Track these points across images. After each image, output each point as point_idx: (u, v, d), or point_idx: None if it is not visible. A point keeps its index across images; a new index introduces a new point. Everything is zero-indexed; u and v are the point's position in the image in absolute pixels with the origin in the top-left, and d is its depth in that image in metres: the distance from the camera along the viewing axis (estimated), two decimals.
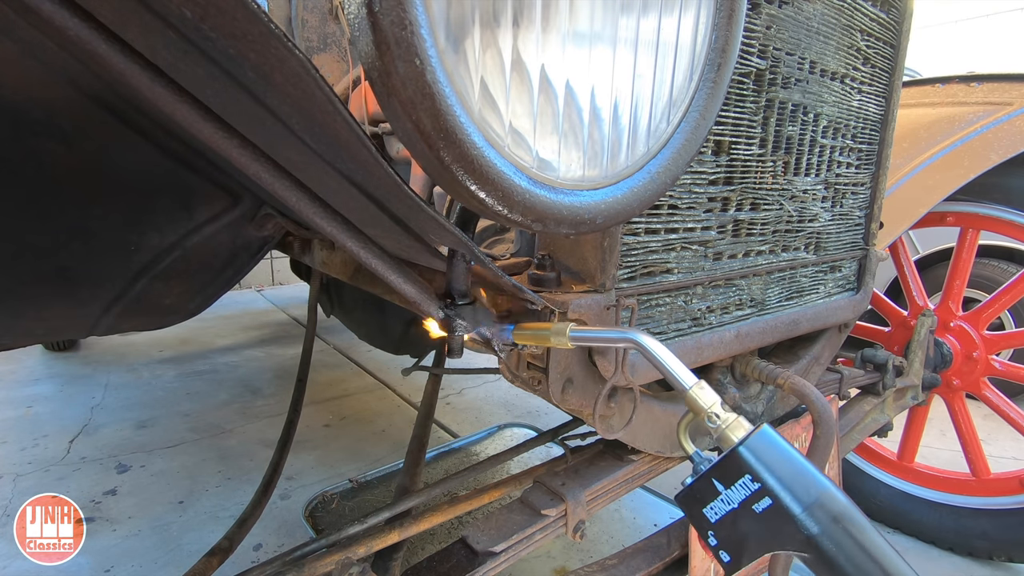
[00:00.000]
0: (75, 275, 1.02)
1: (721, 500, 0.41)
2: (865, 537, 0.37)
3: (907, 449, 1.84)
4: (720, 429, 0.45)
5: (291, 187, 0.54)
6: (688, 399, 0.48)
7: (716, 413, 0.46)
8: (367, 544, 0.89)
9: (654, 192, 0.56)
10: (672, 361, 0.51)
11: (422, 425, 1.28)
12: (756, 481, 0.39)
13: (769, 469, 0.39)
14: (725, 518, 0.41)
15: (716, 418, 0.46)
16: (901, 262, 1.86)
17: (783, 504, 0.38)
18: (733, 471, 0.41)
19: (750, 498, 0.40)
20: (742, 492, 0.40)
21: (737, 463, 0.41)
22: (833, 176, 1.13)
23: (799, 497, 0.38)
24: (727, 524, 0.41)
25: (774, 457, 0.40)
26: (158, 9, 0.36)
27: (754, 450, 0.40)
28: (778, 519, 0.38)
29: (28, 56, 0.64)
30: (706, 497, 0.42)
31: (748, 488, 0.40)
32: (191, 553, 1.65)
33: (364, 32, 0.38)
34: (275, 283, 5.53)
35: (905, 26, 1.19)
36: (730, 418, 0.45)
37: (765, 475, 0.39)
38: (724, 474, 0.41)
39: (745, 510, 0.40)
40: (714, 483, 0.42)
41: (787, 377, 1.03)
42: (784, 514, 0.38)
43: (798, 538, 0.37)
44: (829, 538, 0.37)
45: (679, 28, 0.53)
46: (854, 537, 0.37)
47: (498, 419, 2.58)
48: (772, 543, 0.39)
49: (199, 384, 2.93)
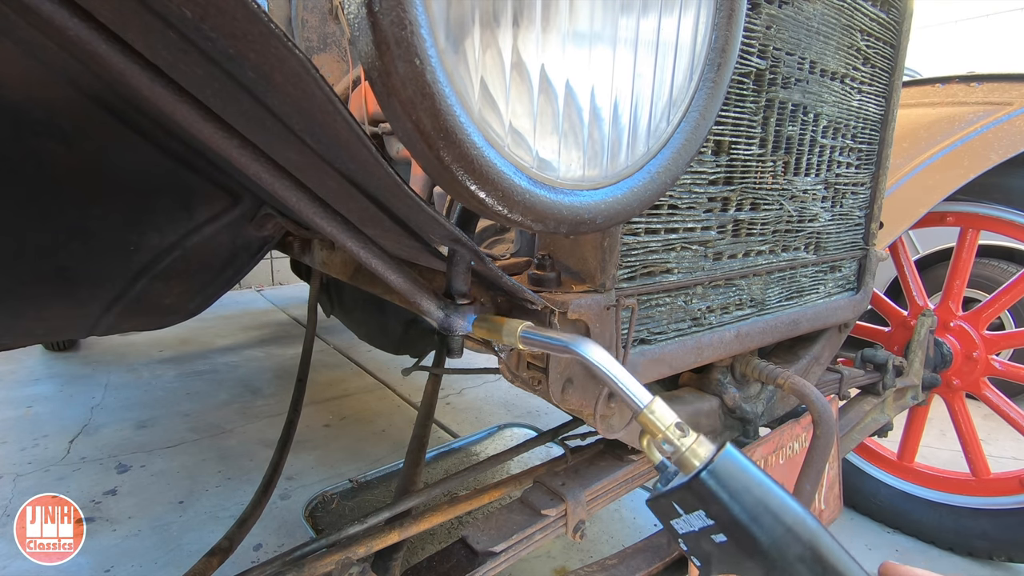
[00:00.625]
0: (75, 275, 1.02)
1: (683, 520, 0.39)
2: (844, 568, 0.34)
3: (907, 449, 1.84)
4: (679, 452, 0.40)
5: (291, 187, 0.54)
6: (642, 419, 0.44)
7: (672, 436, 0.41)
8: (367, 544, 0.89)
9: (654, 192, 0.56)
10: (624, 377, 0.47)
11: (422, 425, 1.28)
12: (711, 517, 0.36)
13: (732, 497, 0.36)
14: (689, 535, 0.39)
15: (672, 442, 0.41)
16: (901, 262, 1.86)
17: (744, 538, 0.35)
18: (691, 499, 0.38)
19: (707, 529, 0.37)
20: (699, 522, 0.37)
21: (695, 491, 0.37)
22: (833, 176, 1.13)
23: (765, 528, 0.34)
24: (692, 540, 0.39)
25: (738, 484, 0.36)
26: (158, 9, 0.36)
27: (716, 476, 0.36)
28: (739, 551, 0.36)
29: (28, 56, 0.64)
30: (670, 513, 0.40)
31: (704, 520, 0.37)
32: (191, 553, 1.65)
33: (364, 32, 0.38)
34: (275, 283, 5.53)
35: (905, 26, 1.19)
36: (687, 441, 0.41)
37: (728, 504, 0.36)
38: (683, 499, 0.38)
39: (705, 536, 0.37)
40: (674, 506, 0.39)
41: (787, 377, 1.03)
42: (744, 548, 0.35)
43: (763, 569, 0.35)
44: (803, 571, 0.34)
45: (679, 28, 0.53)
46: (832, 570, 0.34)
47: (498, 419, 2.58)
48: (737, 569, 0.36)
49: (199, 384, 2.93)
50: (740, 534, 0.35)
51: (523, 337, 0.58)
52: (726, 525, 0.36)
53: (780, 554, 0.34)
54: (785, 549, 0.34)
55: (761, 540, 0.34)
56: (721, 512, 0.36)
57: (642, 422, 0.44)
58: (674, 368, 0.89)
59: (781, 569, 0.34)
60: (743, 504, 0.35)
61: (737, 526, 0.35)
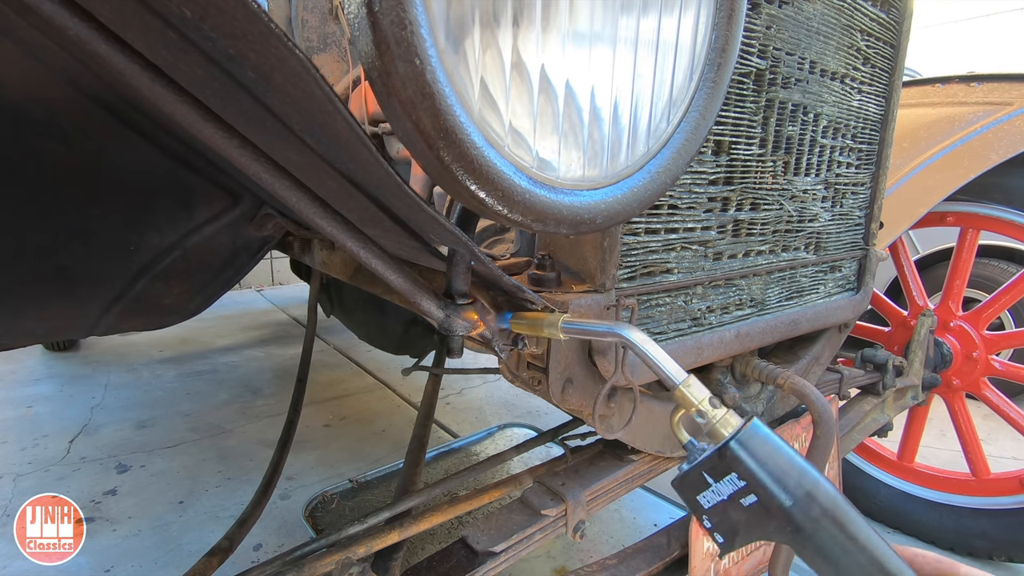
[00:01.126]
0: (75, 275, 1.02)
1: (712, 491, 0.42)
2: (856, 530, 0.37)
3: (907, 449, 1.84)
4: (710, 424, 0.45)
5: (291, 187, 0.54)
6: (678, 395, 0.48)
7: (705, 409, 0.46)
8: (367, 544, 0.89)
9: (654, 192, 0.56)
10: (662, 357, 0.51)
11: (422, 425, 1.28)
12: (742, 479, 0.40)
13: (759, 464, 0.40)
14: (716, 507, 0.42)
15: (705, 414, 0.46)
16: (901, 262, 1.86)
17: (771, 499, 0.39)
18: (722, 466, 0.41)
19: (737, 493, 0.41)
20: (730, 487, 0.41)
21: (726, 458, 0.41)
22: (833, 176, 1.13)
23: (789, 491, 0.38)
24: (719, 512, 0.42)
25: (763, 452, 0.40)
26: (158, 9, 0.36)
27: (744, 445, 0.41)
28: (765, 514, 0.39)
29: (28, 56, 0.64)
30: (698, 487, 0.43)
31: (735, 484, 0.41)
32: (191, 553, 1.65)
33: (364, 32, 0.38)
34: (275, 283, 5.53)
35: (905, 26, 1.19)
36: (719, 413, 0.45)
37: (754, 470, 0.40)
38: (713, 468, 0.42)
39: (734, 503, 0.41)
40: (704, 476, 0.43)
41: (787, 377, 1.03)
42: (771, 509, 0.39)
43: (787, 530, 0.38)
44: (819, 531, 0.37)
45: (679, 28, 0.53)
46: (845, 530, 0.37)
47: (498, 419, 2.58)
48: (762, 533, 0.40)
49: (199, 384, 2.93)
50: (767, 495, 0.39)
51: (565, 328, 0.62)
52: (754, 486, 0.40)
53: (803, 514, 0.38)
54: (807, 509, 0.38)
55: (784, 501, 0.38)
56: (750, 474, 0.40)
57: (678, 397, 0.48)
58: None
59: (803, 528, 0.38)
60: (769, 469, 0.39)
61: (764, 487, 0.39)
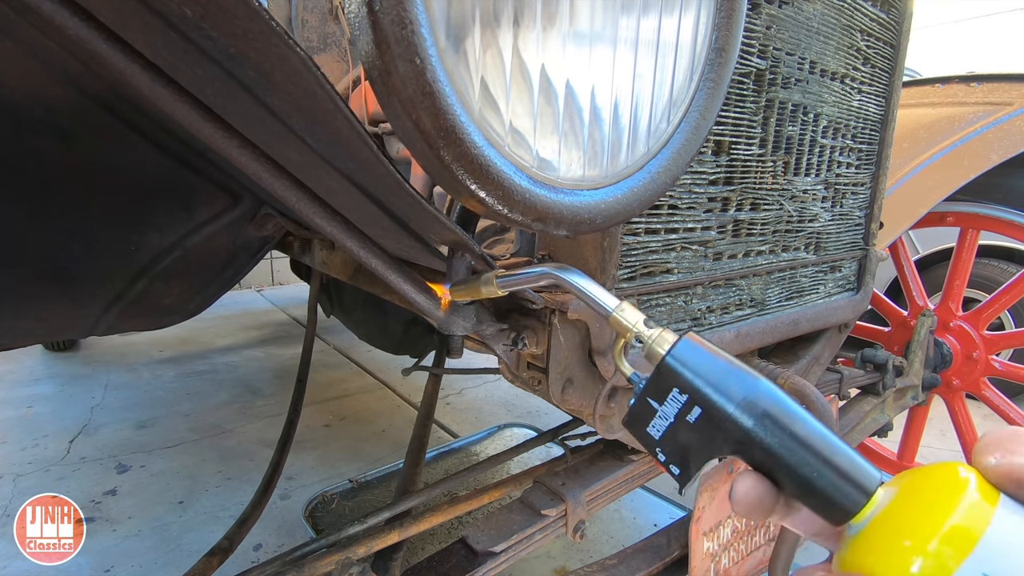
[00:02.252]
0: (75, 275, 1.02)
1: (659, 417, 0.41)
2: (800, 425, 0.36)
3: (907, 449, 1.84)
4: (648, 346, 0.43)
5: (291, 187, 0.54)
6: (612, 321, 0.47)
7: (640, 331, 0.45)
8: (367, 544, 0.89)
9: (654, 192, 0.56)
10: (593, 288, 0.50)
11: (422, 425, 1.28)
12: (684, 392, 0.39)
13: (696, 375, 0.39)
14: (666, 433, 0.41)
15: (642, 335, 0.44)
16: (901, 262, 1.86)
17: (713, 408, 0.38)
18: (663, 386, 0.41)
19: (682, 410, 0.40)
20: (674, 406, 0.40)
21: (666, 376, 0.40)
22: (833, 176, 1.13)
23: (729, 396, 0.38)
24: (669, 438, 0.41)
25: (700, 362, 0.39)
26: (158, 8, 0.36)
27: (680, 359, 0.40)
28: (710, 425, 0.38)
29: (28, 56, 0.64)
30: (646, 416, 0.42)
31: (679, 401, 0.40)
32: (191, 553, 1.65)
33: (364, 31, 0.38)
34: (275, 283, 5.53)
35: (905, 26, 1.19)
36: (654, 333, 0.44)
37: (693, 382, 0.39)
38: (656, 390, 0.41)
39: (681, 422, 0.40)
40: (649, 402, 0.42)
41: (787, 377, 1.03)
42: (715, 419, 0.38)
43: (733, 438, 0.37)
44: (763, 432, 0.36)
45: (679, 28, 0.53)
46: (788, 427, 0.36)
47: (498, 419, 2.58)
48: (712, 450, 0.39)
49: (199, 384, 2.93)
50: (710, 403, 0.38)
51: (500, 282, 0.60)
52: (696, 396, 0.39)
53: (746, 416, 0.37)
54: (750, 410, 0.37)
55: (726, 406, 0.38)
56: (689, 385, 0.39)
57: (613, 324, 0.47)
58: None
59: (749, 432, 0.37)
60: (706, 377, 0.39)
61: (705, 396, 0.39)
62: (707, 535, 0.97)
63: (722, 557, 1.01)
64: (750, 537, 1.07)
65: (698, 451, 0.40)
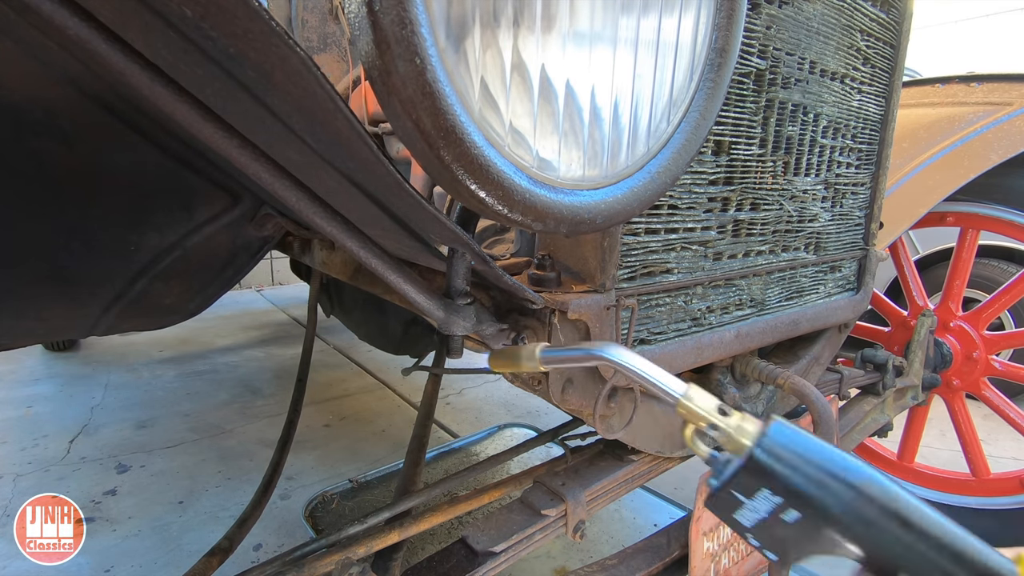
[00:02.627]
0: (75, 275, 1.02)
1: (748, 509, 0.36)
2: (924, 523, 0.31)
3: (907, 449, 1.84)
4: (726, 435, 0.38)
5: (291, 187, 0.54)
6: (681, 410, 0.42)
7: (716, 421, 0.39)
8: (367, 544, 0.89)
9: (654, 192, 0.56)
10: (654, 371, 0.46)
11: (422, 425, 1.28)
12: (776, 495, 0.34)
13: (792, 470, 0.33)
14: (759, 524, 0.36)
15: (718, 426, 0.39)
16: (901, 262, 1.86)
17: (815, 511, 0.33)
18: (752, 482, 0.35)
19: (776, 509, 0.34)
20: (767, 504, 0.35)
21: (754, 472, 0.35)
22: (833, 176, 1.13)
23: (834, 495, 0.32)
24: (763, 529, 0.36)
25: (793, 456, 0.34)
26: (158, 8, 0.36)
27: (770, 452, 0.35)
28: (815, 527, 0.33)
29: (28, 56, 0.64)
30: (732, 506, 0.37)
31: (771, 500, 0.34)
32: (191, 553, 1.65)
33: (364, 31, 0.38)
34: (275, 283, 5.53)
35: (905, 26, 1.19)
36: (732, 421, 0.39)
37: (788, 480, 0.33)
38: (743, 485, 0.36)
39: (776, 520, 0.35)
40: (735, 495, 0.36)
41: (787, 377, 1.03)
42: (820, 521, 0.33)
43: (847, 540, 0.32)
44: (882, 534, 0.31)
45: (679, 28, 0.53)
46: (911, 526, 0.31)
47: (498, 419, 2.58)
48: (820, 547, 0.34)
49: (199, 384, 2.93)
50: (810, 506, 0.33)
51: (543, 357, 0.56)
52: (793, 499, 0.34)
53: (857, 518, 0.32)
54: (860, 511, 0.32)
55: (832, 507, 0.33)
56: (785, 486, 0.34)
57: (682, 412, 0.43)
58: (674, 368, 0.89)
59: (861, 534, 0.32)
60: (805, 473, 0.33)
61: (804, 498, 0.33)
62: (707, 535, 0.97)
63: (722, 557, 1.01)
64: None
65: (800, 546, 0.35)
